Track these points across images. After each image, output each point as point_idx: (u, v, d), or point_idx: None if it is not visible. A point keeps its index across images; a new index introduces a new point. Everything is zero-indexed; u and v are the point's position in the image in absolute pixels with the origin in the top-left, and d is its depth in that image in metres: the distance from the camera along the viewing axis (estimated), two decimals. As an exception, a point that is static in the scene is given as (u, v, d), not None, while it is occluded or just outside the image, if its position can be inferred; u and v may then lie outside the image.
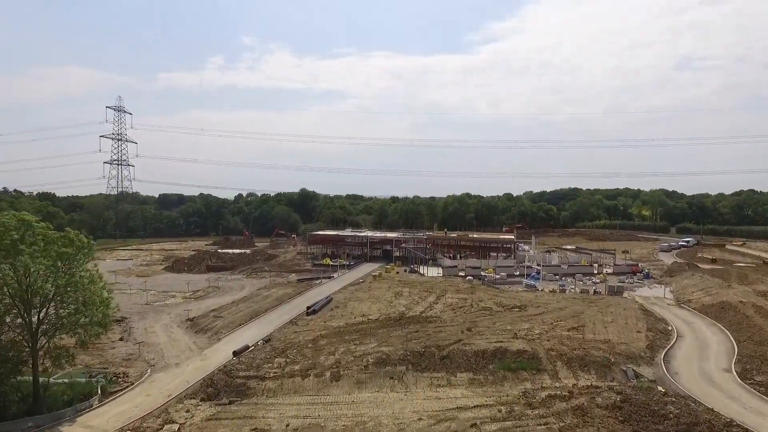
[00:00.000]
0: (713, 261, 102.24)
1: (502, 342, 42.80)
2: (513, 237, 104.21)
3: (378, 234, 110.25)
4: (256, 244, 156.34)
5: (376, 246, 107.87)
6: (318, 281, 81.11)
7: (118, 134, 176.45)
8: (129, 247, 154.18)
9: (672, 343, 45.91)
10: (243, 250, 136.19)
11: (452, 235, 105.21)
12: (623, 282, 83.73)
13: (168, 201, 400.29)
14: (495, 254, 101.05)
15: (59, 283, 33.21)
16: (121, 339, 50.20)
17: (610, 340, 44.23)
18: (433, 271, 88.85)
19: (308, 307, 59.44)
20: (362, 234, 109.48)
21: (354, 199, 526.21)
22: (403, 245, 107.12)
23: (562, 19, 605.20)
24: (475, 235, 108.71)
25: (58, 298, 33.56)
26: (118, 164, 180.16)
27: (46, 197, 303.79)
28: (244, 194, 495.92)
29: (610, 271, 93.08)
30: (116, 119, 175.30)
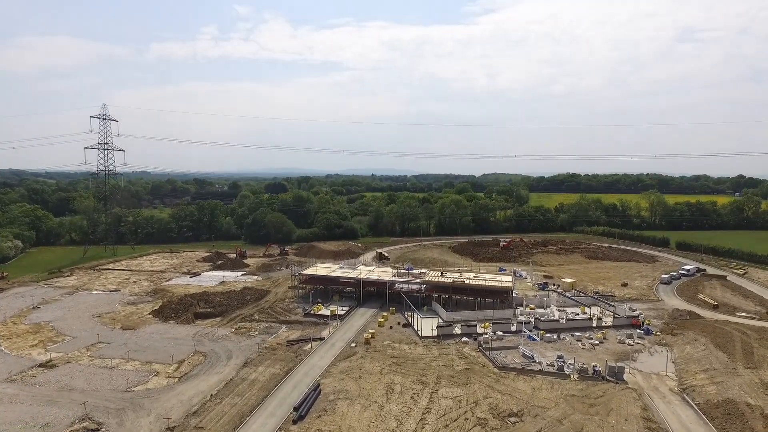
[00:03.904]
0: (715, 307, 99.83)
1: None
2: (510, 283, 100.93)
3: (371, 276, 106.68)
4: (247, 262, 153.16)
5: (369, 286, 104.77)
6: (308, 346, 78.25)
7: (104, 144, 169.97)
8: (118, 267, 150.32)
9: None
10: (236, 275, 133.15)
11: (448, 280, 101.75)
12: (623, 342, 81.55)
13: (160, 191, 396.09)
14: (492, 300, 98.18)
15: None
16: (94, 469, 47.33)
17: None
18: (428, 325, 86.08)
19: (295, 408, 56.62)
20: (355, 276, 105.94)
21: (350, 185, 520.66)
22: (397, 286, 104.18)
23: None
24: (471, 277, 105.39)
25: None
26: (105, 175, 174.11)
27: (36, 193, 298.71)
28: (236, 182, 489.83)
29: (609, 322, 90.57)
30: (101, 128, 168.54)
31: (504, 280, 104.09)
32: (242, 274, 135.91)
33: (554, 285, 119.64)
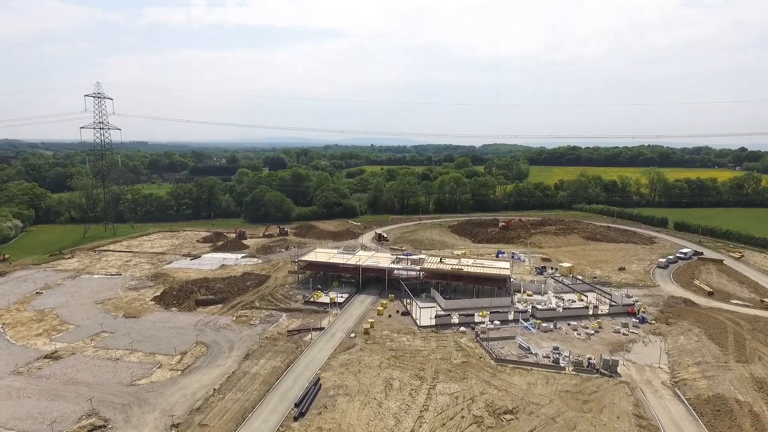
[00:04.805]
0: (710, 294, 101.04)
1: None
2: (508, 270, 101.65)
3: (371, 263, 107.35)
4: (247, 243, 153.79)
5: (368, 272, 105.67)
6: (309, 336, 79.59)
7: (100, 123, 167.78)
8: (119, 248, 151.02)
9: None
10: (235, 257, 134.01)
11: (446, 267, 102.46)
12: (618, 331, 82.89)
13: (158, 165, 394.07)
14: (490, 286, 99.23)
15: None
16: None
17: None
18: (427, 314, 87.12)
19: (296, 405, 58.19)
20: (354, 262, 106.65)
21: (349, 158, 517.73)
22: (396, 273, 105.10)
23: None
24: (469, 264, 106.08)
25: None
26: (101, 154, 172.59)
27: (33, 169, 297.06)
28: (234, 155, 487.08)
29: (605, 310, 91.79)
30: (96, 107, 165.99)
31: (502, 266, 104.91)
32: (242, 257, 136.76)
33: (552, 269, 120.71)
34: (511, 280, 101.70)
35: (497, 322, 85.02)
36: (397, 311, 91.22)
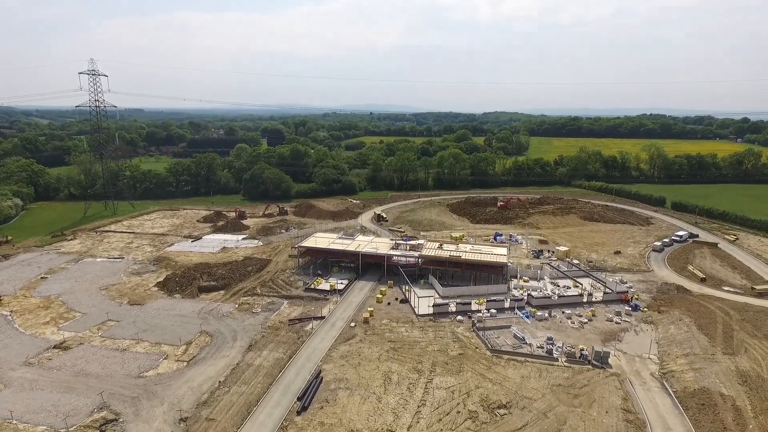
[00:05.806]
0: (703, 280, 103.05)
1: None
2: (505, 258, 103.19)
3: (370, 249, 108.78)
4: (247, 223, 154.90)
5: (368, 258, 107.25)
6: (309, 326, 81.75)
7: (95, 101, 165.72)
8: (120, 228, 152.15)
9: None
10: (236, 239, 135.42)
11: (444, 254, 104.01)
12: (611, 320, 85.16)
13: (155, 137, 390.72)
14: (487, 274, 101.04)
15: None
16: (116, 463, 51.51)
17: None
18: (425, 302, 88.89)
19: (299, 398, 60.65)
20: (353, 249, 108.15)
21: (348, 128, 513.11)
22: (395, 259, 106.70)
23: None
24: (467, 250, 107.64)
25: None
26: (98, 133, 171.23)
27: (30, 143, 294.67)
28: (232, 126, 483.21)
29: (600, 297, 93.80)
30: (91, 84, 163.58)
31: (499, 253, 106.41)
32: (243, 238, 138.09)
33: (549, 252, 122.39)
34: (508, 265, 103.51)
35: (494, 311, 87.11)
36: (396, 299, 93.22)
